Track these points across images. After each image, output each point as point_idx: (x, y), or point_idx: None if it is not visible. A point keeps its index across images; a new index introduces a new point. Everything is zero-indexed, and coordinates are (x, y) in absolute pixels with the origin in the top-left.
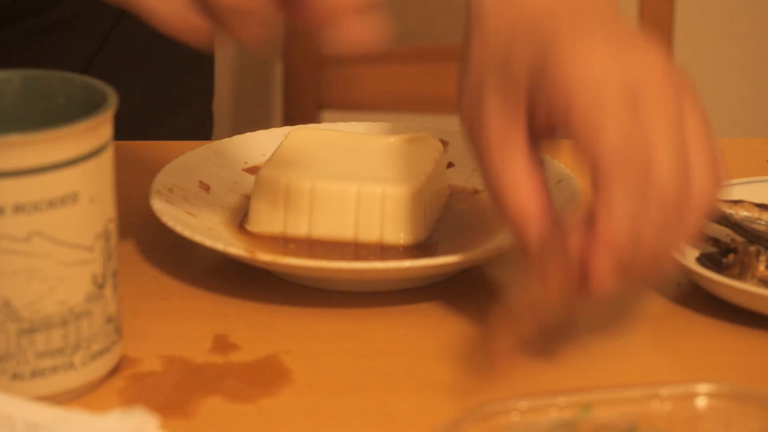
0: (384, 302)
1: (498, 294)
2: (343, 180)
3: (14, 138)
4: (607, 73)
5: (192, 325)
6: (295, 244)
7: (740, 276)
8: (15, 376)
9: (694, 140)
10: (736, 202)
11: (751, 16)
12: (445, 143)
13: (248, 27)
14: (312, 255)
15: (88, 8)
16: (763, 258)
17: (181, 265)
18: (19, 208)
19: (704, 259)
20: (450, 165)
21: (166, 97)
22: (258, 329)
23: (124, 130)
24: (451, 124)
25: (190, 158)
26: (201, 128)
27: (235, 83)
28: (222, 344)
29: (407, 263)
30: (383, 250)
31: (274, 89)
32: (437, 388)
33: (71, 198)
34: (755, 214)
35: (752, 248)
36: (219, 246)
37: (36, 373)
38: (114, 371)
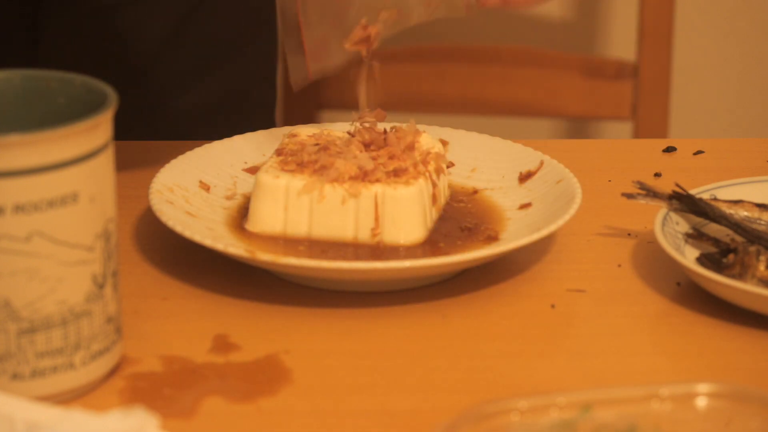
0: (384, 302)
1: (498, 294)
2: (344, 180)
3: (14, 138)
4: None
5: (192, 325)
6: (305, 245)
7: (740, 276)
8: (15, 376)
9: None
10: (736, 202)
11: (751, 16)
12: (445, 143)
13: None
14: (312, 255)
15: None
16: (763, 258)
17: (181, 265)
18: (19, 208)
19: (704, 259)
20: (450, 165)
21: (230, 107)
22: (258, 329)
23: (190, 133)
24: (451, 124)
25: (190, 158)
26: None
27: None
28: (222, 344)
29: (407, 263)
30: (383, 250)
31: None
32: (437, 388)
33: (71, 198)
34: (755, 214)
35: (752, 248)
36: (219, 246)
37: (36, 373)
38: (114, 371)
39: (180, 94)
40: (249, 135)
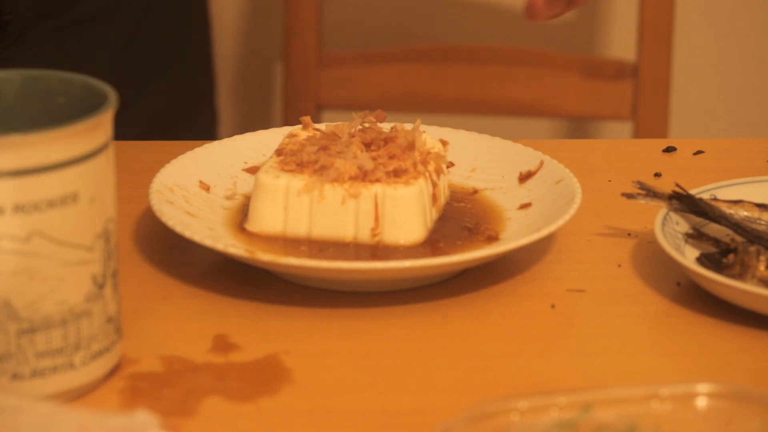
0: (384, 302)
1: (498, 294)
2: (343, 180)
3: (14, 138)
4: None
5: (192, 325)
6: (305, 245)
7: (740, 276)
8: (15, 376)
9: None
10: (736, 202)
11: (751, 16)
12: (445, 143)
13: None
14: (312, 255)
15: (113, 4)
16: (763, 258)
17: (181, 265)
18: (19, 208)
19: (704, 259)
20: (450, 165)
21: (178, 102)
22: (258, 329)
23: (146, 133)
24: (451, 124)
25: (190, 158)
26: (208, 129)
27: (235, 83)
28: (222, 344)
29: (407, 263)
30: (383, 250)
31: (274, 89)
32: (437, 388)
33: (71, 198)
34: (755, 214)
35: (752, 248)
36: (219, 246)
37: (36, 373)
38: (114, 371)
39: (132, 100)
40: (249, 135)
